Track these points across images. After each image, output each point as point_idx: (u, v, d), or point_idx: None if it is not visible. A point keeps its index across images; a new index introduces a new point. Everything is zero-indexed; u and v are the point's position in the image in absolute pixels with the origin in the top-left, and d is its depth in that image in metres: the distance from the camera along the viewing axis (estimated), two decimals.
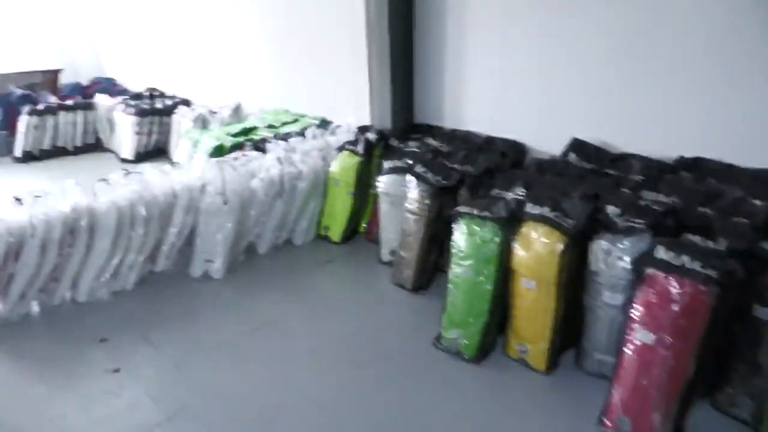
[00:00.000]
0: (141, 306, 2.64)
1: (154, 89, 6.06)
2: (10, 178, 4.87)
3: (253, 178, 3.13)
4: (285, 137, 3.81)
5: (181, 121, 5.19)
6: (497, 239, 2.08)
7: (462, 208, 2.19)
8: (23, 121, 5.31)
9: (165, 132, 5.46)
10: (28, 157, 5.35)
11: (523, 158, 3.05)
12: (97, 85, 6.52)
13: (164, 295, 2.73)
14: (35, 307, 2.56)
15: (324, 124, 4.13)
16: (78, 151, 5.65)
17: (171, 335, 2.37)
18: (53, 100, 5.78)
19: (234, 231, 2.94)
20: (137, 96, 5.89)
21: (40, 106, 5.43)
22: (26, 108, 5.38)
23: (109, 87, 6.54)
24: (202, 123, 5.05)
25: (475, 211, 2.14)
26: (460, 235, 2.17)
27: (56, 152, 5.53)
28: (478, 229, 2.11)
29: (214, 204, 2.90)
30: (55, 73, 6.55)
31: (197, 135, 4.10)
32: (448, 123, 3.44)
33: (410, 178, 2.73)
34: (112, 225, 2.62)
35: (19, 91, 5.80)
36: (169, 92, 5.97)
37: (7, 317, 2.47)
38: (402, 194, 2.85)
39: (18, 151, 5.33)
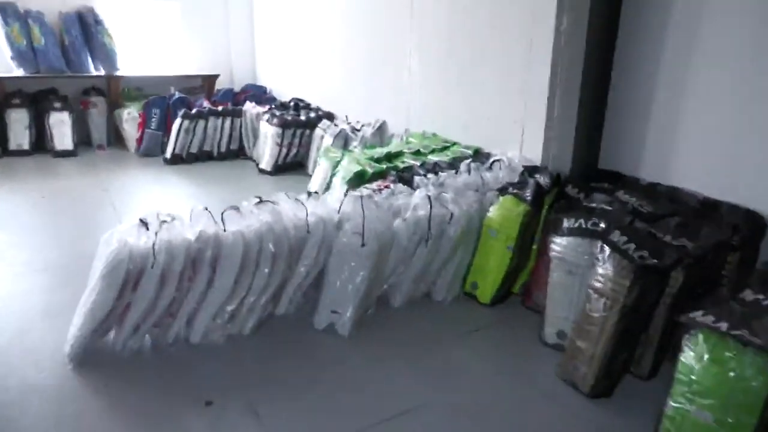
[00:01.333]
0: (255, 359, 2.26)
1: (300, 100, 5.95)
2: (158, 180, 4.95)
3: (396, 218, 2.67)
4: (434, 169, 3.31)
5: (323, 135, 4.95)
6: (765, 379, 1.36)
7: (702, 317, 1.49)
8: (176, 124, 5.42)
9: (305, 145, 5.28)
10: (177, 159, 5.45)
11: (762, 236, 2.23)
12: (248, 93, 6.59)
13: (282, 349, 2.34)
14: (148, 343, 2.28)
15: (478, 155, 3.57)
16: (221, 156, 5.68)
17: (282, 410, 1.95)
18: (206, 104, 5.89)
19: (368, 279, 2.48)
20: (283, 106, 5.81)
21: (193, 111, 5.52)
22: (180, 111, 5.51)
23: (259, 95, 6.59)
24: (344, 141, 4.76)
25: (725, 326, 1.44)
26: (694, 356, 1.48)
27: (202, 156, 5.60)
28: (732, 356, 1.40)
29: (349, 245, 2.47)
30: (212, 79, 6.74)
31: (337, 155, 3.76)
32: (647, 173, 2.70)
33: (602, 247, 2.07)
34: (237, 259, 2.28)
35: (177, 94, 5.99)
36: (314, 104, 5.81)
37: (119, 350, 2.22)
38: (585, 264, 2.21)
39: (168, 153, 5.46)
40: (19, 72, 5.64)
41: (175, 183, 4.89)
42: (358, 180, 3.28)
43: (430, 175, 3.12)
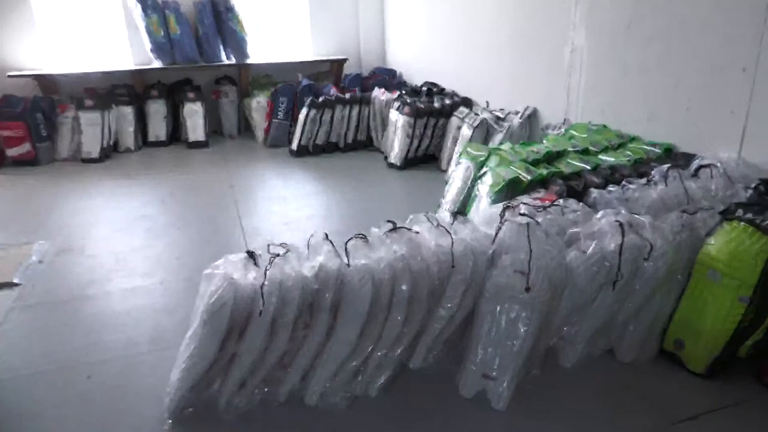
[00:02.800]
0: None
1: (433, 84, 5.34)
2: (282, 174, 4.66)
3: (571, 249, 1.99)
4: (614, 176, 2.55)
5: (461, 125, 4.31)
6: None
7: None
8: (302, 114, 5.11)
9: (439, 136, 4.69)
10: (302, 151, 5.14)
11: None
12: (377, 77, 6.13)
13: (419, 422, 1.80)
14: (256, 400, 1.86)
15: (673, 157, 2.71)
16: (348, 147, 5.28)
17: None
18: (333, 91, 5.51)
19: (534, 335, 1.84)
20: (414, 92, 5.24)
21: (319, 99, 5.16)
22: (307, 99, 5.19)
23: (388, 79, 6.10)
24: (485, 132, 4.09)
25: None
26: None
27: (328, 147, 5.24)
28: None
29: (508, 287, 1.84)
30: (340, 63, 6.37)
31: (481, 154, 3.11)
32: None
33: None
34: (364, 304, 1.77)
35: (304, 81, 5.70)
36: (449, 88, 5.17)
37: (223, 409, 1.82)
38: None
39: (293, 144, 5.18)
40: (157, 64, 5.70)
41: (299, 178, 4.57)
42: (511, 189, 2.62)
43: (611, 187, 2.36)
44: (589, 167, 2.70)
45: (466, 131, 4.13)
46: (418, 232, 1.92)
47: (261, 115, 5.74)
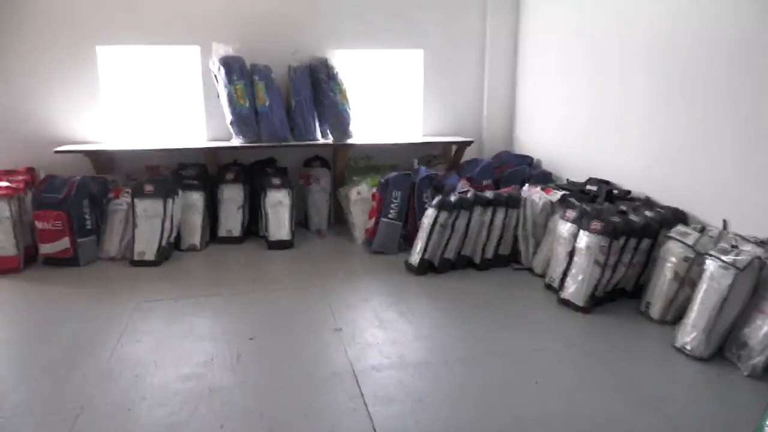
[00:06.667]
0: None
1: (604, 182, 3.88)
2: (406, 308, 3.16)
3: None
4: None
5: (691, 257, 2.78)
6: None
7: None
8: (429, 217, 3.71)
9: (638, 264, 3.17)
10: (425, 267, 3.71)
11: None
12: (509, 166, 4.72)
13: None
14: None
15: None
16: (485, 264, 3.82)
17: None
18: (462, 185, 4.14)
19: None
20: (583, 192, 3.79)
21: (451, 197, 3.77)
22: (432, 197, 3.83)
23: (522, 169, 4.68)
24: (756, 279, 2.53)
25: None
26: None
27: (459, 263, 3.80)
28: None
29: None
30: (461, 146, 5.02)
31: None
32: None
33: None
34: None
35: (423, 170, 4.36)
36: (637, 190, 3.68)
37: None
38: None
39: (414, 257, 3.75)
40: (237, 141, 4.51)
41: (434, 317, 3.11)
42: None
43: None
44: None
45: (719, 274, 2.57)
46: None
47: (362, 210, 4.42)
